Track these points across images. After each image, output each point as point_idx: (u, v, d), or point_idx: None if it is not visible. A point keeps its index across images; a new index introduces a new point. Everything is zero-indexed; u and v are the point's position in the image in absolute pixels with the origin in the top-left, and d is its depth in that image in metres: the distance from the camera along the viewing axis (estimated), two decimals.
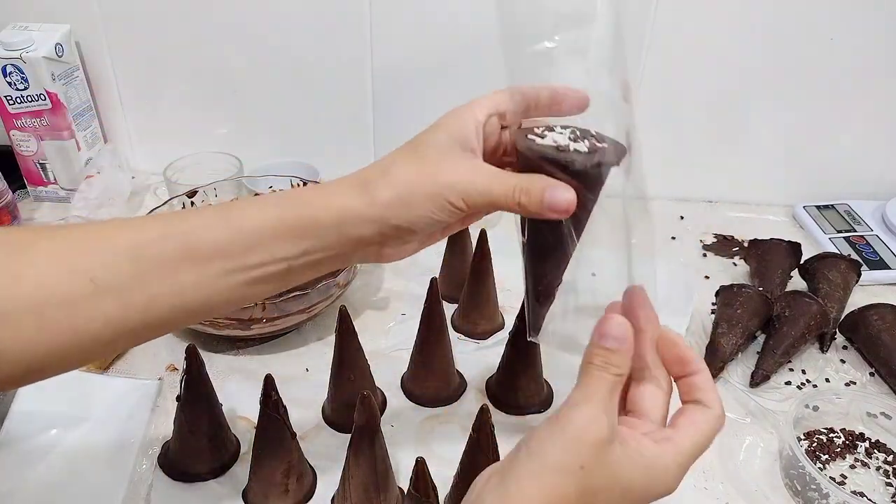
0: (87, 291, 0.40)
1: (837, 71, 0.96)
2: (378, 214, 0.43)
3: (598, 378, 0.39)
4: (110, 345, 0.43)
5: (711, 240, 1.01)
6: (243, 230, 0.43)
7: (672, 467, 0.38)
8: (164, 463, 0.66)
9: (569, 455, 0.36)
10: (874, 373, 0.79)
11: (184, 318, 0.44)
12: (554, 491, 0.36)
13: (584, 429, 0.37)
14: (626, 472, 0.37)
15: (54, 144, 1.01)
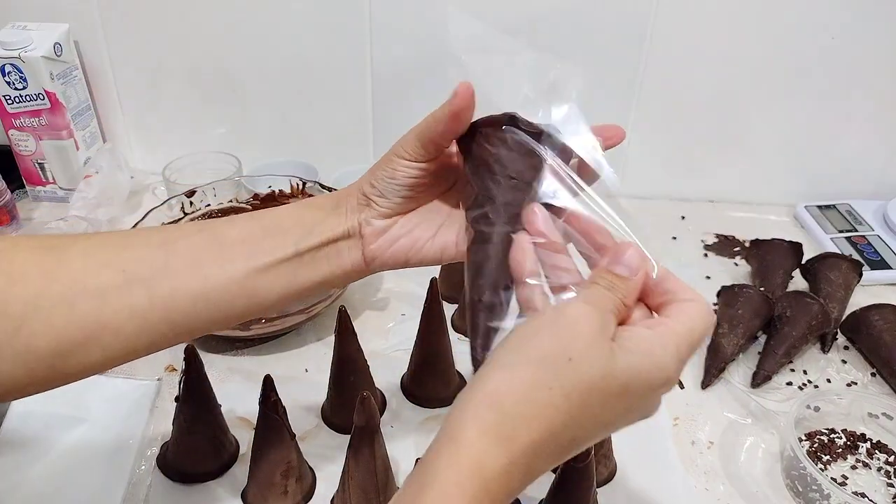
0: (116, 282, 0.42)
1: (838, 70, 0.96)
2: (355, 187, 0.49)
3: (600, 292, 0.36)
4: (131, 343, 0.44)
5: (713, 240, 1.01)
6: (265, 222, 0.48)
7: (671, 350, 0.35)
8: (162, 464, 0.66)
9: (555, 348, 0.33)
10: (875, 373, 0.79)
11: (205, 311, 0.45)
12: (537, 383, 0.33)
13: (577, 320, 0.34)
14: (622, 365, 0.33)
15: (53, 144, 1.01)
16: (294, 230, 0.47)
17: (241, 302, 0.46)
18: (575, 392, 0.33)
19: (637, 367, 0.34)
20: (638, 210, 1.03)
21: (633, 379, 0.34)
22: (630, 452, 0.68)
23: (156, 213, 0.85)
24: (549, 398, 0.33)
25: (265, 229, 0.47)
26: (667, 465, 0.67)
